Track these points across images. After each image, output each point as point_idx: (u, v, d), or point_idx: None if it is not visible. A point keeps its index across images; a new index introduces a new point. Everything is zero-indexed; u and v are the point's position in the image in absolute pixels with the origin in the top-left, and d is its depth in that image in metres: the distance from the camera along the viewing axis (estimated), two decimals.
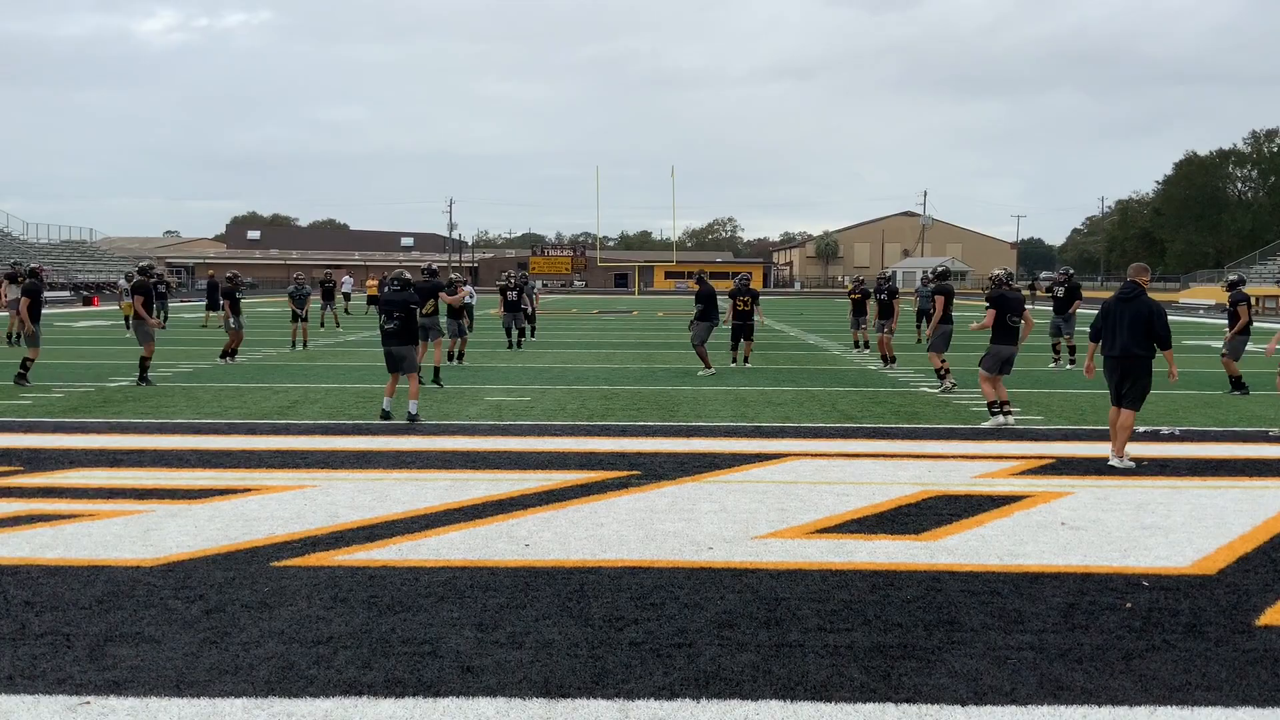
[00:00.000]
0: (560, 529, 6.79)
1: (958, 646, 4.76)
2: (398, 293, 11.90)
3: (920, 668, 4.49)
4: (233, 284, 19.25)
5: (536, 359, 20.15)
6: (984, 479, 8.54)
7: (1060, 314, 18.58)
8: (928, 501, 7.69)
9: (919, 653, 4.68)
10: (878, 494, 7.92)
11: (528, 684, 4.26)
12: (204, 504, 7.45)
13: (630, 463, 9.10)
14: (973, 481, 8.43)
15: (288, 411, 12.32)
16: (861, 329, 22.17)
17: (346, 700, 4.09)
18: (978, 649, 4.73)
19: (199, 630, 4.89)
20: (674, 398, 13.92)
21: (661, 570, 5.92)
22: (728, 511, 7.31)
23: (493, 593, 5.49)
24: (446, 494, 7.82)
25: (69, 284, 59.59)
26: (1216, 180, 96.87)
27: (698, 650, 4.66)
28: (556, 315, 42.23)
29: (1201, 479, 8.57)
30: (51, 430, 10.78)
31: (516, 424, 11.47)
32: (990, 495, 7.90)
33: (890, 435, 10.84)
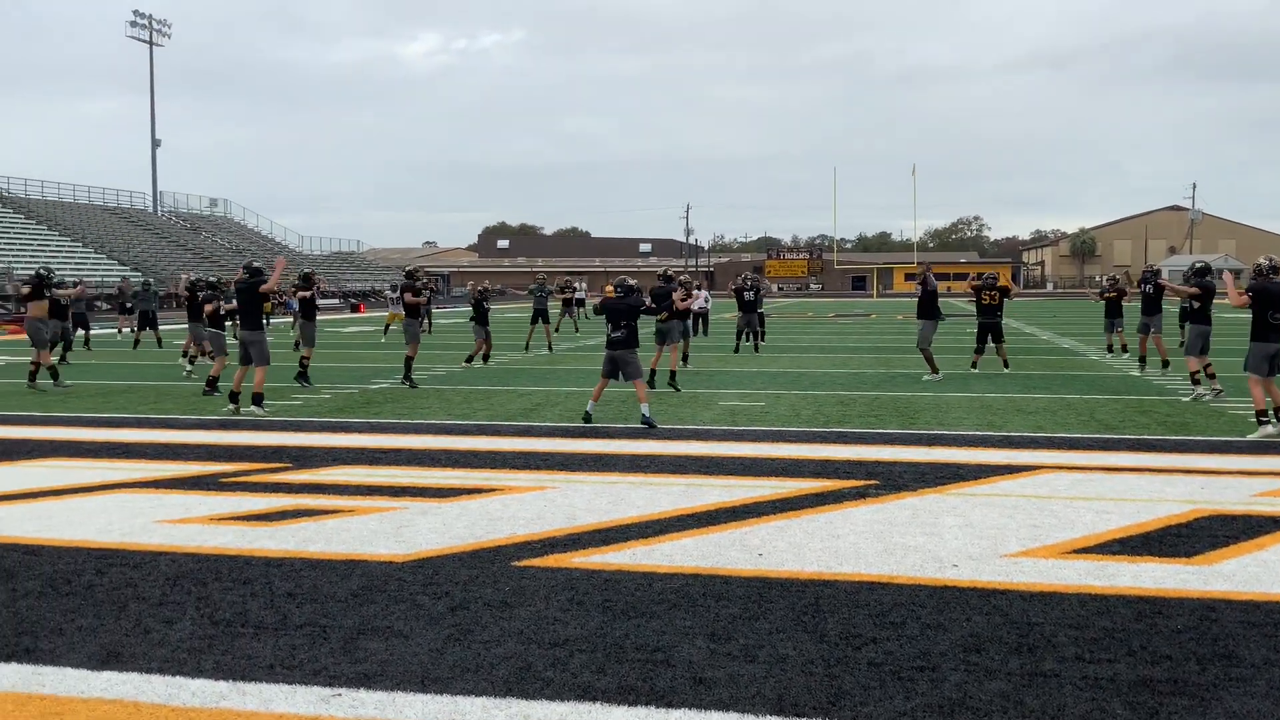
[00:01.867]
0: (795, 539, 6.64)
1: (1236, 684, 4.29)
2: (622, 299, 12.08)
3: (1193, 706, 4.07)
4: (481, 295, 20.06)
5: (771, 363, 19.99)
6: (1265, 498, 7.74)
7: None
8: (1200, 521, 7.04)
9: (1191, 689, 4.24)
10: (1143, 512, 7.31)
11: (761, 700, 4.15)
12: (452, 502, 7.76)
13: (868, 472, 8.82)
14: (1252, 500, 7.66)
15: (530, 414, 12.72)
16: (1117, 332, 20.73)
17: (581, 705, 4.11)
18: (1259, 687, 4.25)
19: (444, 627, 5.05)
20: (914, 404, 13.44)
21: (902, 587, 5.66)
22: (974, 527, 6.94)
23: (726, 602, 5.40)
24: (680, 499, 7.82)
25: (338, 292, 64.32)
26: None
27: (942, 675, 4.41)
28: (792, 319, 41.88)
29: None
30: (318, 430, 11.56)
31: (750, 429, 11.37)
32: (1273, 516, 7.14)
33: (1157, 448, 10.03)
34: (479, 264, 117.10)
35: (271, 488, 8.34)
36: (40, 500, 7.94)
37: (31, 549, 6.52)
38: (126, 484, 8.51)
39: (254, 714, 4.05)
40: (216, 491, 8.21)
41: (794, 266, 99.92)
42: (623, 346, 11.91)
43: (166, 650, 4.74)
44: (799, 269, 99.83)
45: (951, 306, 43.92)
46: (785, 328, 34.43)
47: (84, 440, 10.83)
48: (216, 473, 8.97)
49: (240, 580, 5.84)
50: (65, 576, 5.93)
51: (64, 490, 8.31)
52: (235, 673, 4.46)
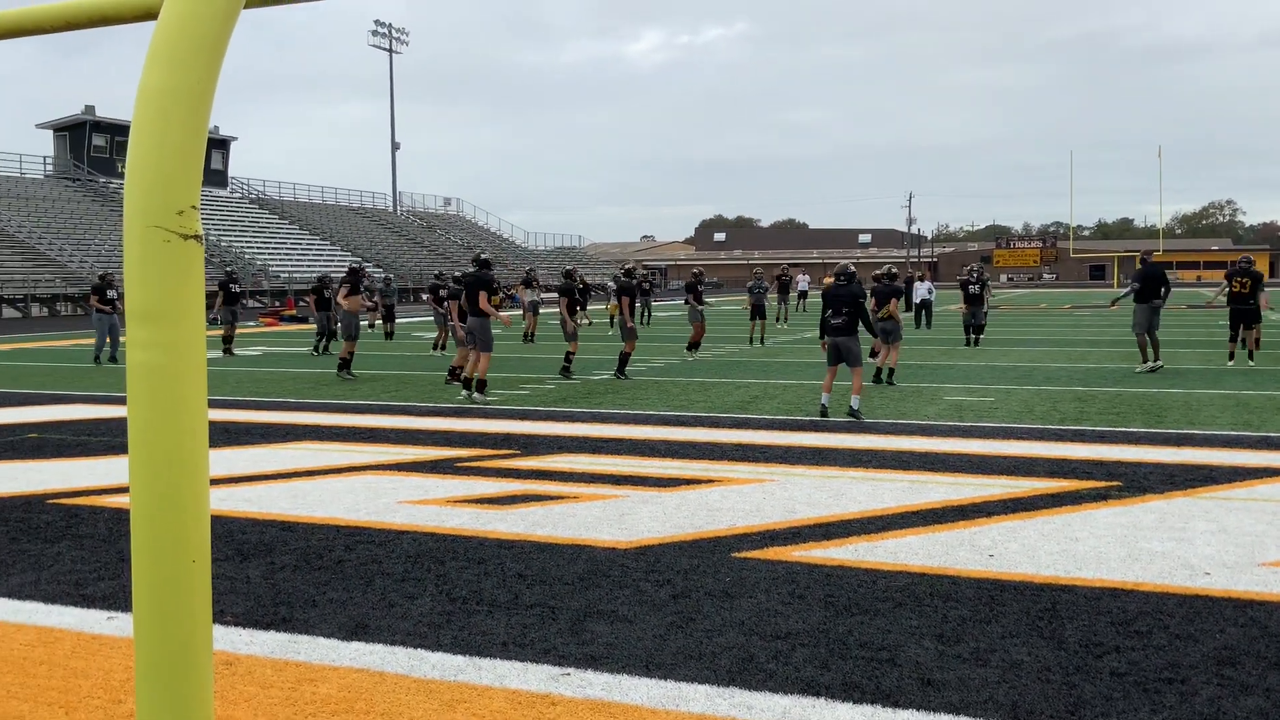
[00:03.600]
0: (1028, 540, 6.35)
1: None
2: (844, 287, 11.91)
3: None
4: (696, 279, 20.62)
5: (1001, 357, 19.20)
6: None
7: None
8: None
9: None
10: None
11: (993, 705, 3.99)
12: (672, 492, 7.86)
13: (1109, 472, 8.33)
14: None
15: (748, 406, 12.72)
16: None
17: (804, 699, 4.08)
18: None
19: (667, 613, 5.13)
20: (1160, 401, 12.60)
21: (1148, 595, 5.32)
22: (1228, 533, 6.44)
23: (954, 603, 5.23)
24: (904, 496, 7.63)
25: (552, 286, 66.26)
26: None
27: (1192, 688, 4.11)
28: (1022, 311, 40.08)
29: None
30: (544, 418, 11.96)
31: (978, 425, 10.96)
32: None
33: None
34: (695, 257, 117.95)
35: (502, 473, 8.70)
36: (294, 480, 8.58)
37: (287, 525, 7.05)
38: (371, 466, 9.07)
39: (489, 688, 4.23)
40: (452, 475, 8.63)
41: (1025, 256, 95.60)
42: (844, 333, 11.76)
43: (409, 624, 5.02)
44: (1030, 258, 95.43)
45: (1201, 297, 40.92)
46: (1016, 320, 32.99)
47: (333, 425, 11.62)
48: (452, 457, 9.42)
49: (475, 560, 6.12)
50: (317, 551, 6.38)
51: (316, 471, 8.95)
52: (471, 648, 4.67)
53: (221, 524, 7.03)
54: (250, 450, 10.03)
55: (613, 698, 4.12)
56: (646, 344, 22.98)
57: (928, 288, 29.09)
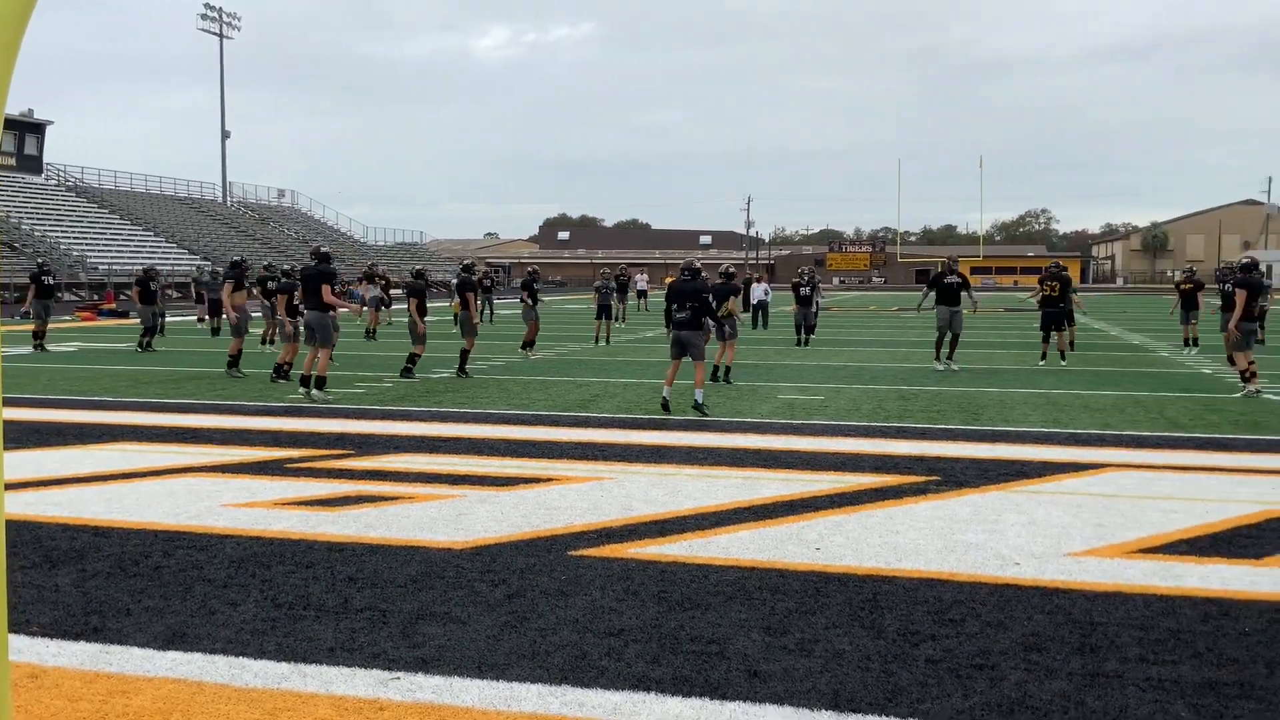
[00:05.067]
0: (853, 533, 6.59)
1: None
2: (688, 282, 12.17)
3: (1259, 710, 3.97)
4: (531, 278, 20.64)
5: (831, 357, 19.85)
6: None
7: None
8: (1271, 523, 6.86)
9: (1259, 693, 4.14)
10: (1211, 512, 7.14)
11: (816, 694, 4.12)
12: (510, 491, 7.82)
13: (929, 467, 8.72)
14: None
15: (588, 405, 12.77)
16: (1192, 324, 20.28)
17: (635, 695, 4.12)
18: None
19: (501, 613, 5.10)
20: (977, 400, 13.25)
21: (962, 584, 5.59)
22: (1037, 525, 6.83)
23: (782, 596, 5.38)
24: (737, 492, 7.80)
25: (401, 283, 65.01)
26: None
27: (1001, 674, 4.34)
28: (852, 313, 41.53)
29: None
30: (380, 417, 11.72)
31: (809, 423, 11.30)
32: None
33: (1228, 447, 9.78)
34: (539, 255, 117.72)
35: (334, 474, 8.47)
36: (110, 483, 8.15)
37: (101, 530, 6.69)
38: (193, 468, 8.70)
39: (314, 695, 4.12)
40: (281, 476, 8.36)
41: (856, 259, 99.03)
42: (689, 327, 12.01)
43: (230, 631, 4.84)
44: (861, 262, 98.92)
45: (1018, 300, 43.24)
46: (847, 321, 34.15)
47: (153, 425, 11.09)
48: (281, 458, 9.13)
49: (303, 564, 5.94)
50: (133, 558, 6.07)
51: (133, 473, 8.52)
52: (297, 654, 4.54)
53: (28, 530, 6.63)
54: (62, 451, 9.47)
55: (443, 700, 4.07)
56: (488, 342, 22.78)
57: (764, 289, 29.80)
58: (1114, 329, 29.09)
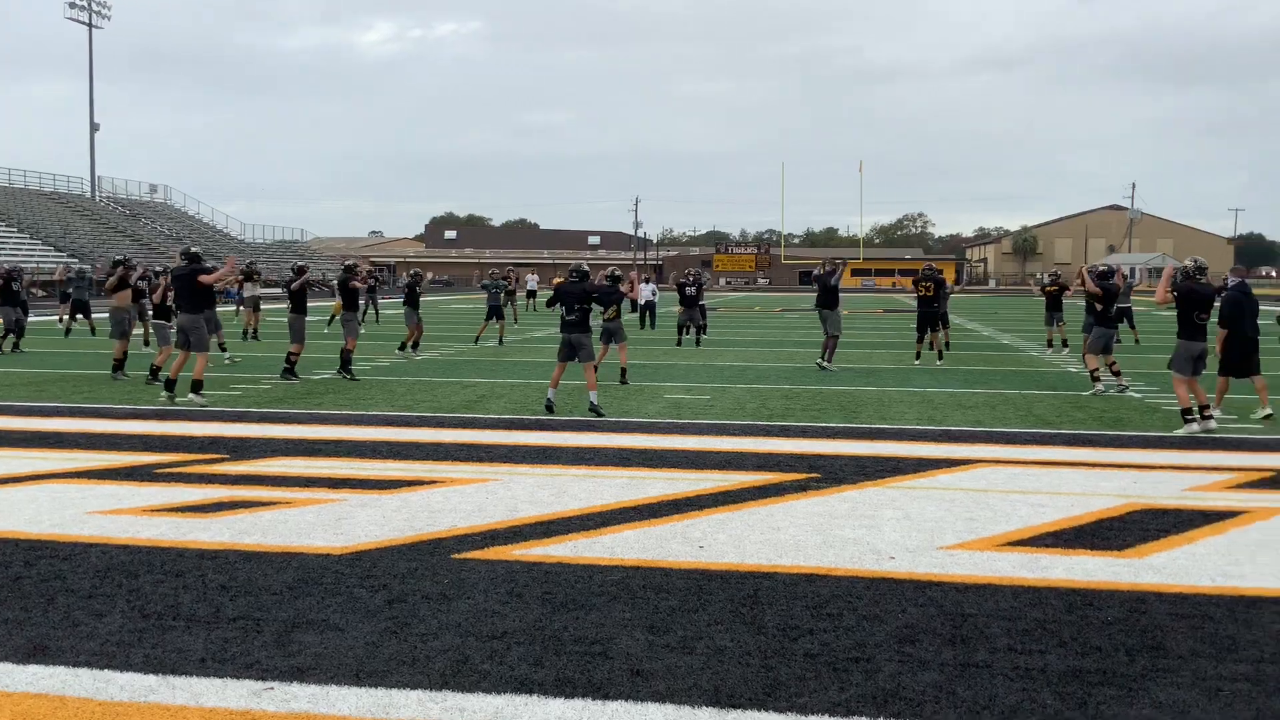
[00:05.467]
0: (736, 531, 6.67)
1: (1163, 674, 4.38)
2: (576, 284, 12.19)
3: (1121, 696, 4.15)
4: (414, 279, 20.28)
5: (717, 357, 20.06)
6: (1195, 492, 7.91)
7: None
8: (1132, 515, 7.18)
9: (1119, 679, 4.33)
10: (1076, 506, 7.44)
11: (698, 691, 4.16)
12: (392, 494, 7.69)
13: (810, 465, 8.88)
14: (1183, 495, 7.83)
15: (474, 406, 12.65)
16: (1058, 326, 21.11)
17: (517, 698, 4.09)
18: (1186, 678, 4.34)
19: (381, 619, 5.01)
20: (857, 399, 13.56)
21: (840, 579, 5.71)
22: (912, 519, 7.02)
23: (665, 594, 5.41)
24: (623, 492, 7.82)
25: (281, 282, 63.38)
26: None
27: (876, 666, 4.45)
28: (738, 313, 42.05)
29: None
30: (257, 420, 11.40)
31: (695, 423, 11.40)
32: (1202, 510, 7.31)
33: (1092, 443, 10.21)
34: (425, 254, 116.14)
35: (207, 479, 8.21)
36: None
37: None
38: (57, 474, 8.33)
39: (183, 708, 3.98)
40: (150, 483, 8.06)
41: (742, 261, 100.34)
42: (577, 329, 12.00)
43: (95, 644, 4.64)
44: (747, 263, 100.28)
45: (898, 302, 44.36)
46: (732, 322, 34.56)
47: (13, 430, 10.58)
48: (151, 464, 8.80)
49: (172, 573, 5.74)
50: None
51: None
52: (165, 666, 4.38)
53: None
54: None
55: (319, 710, 3.98)
56: (372, 342, 22.39)
57: (651, 289, 29.96)
58: (986, 329, 30.09)
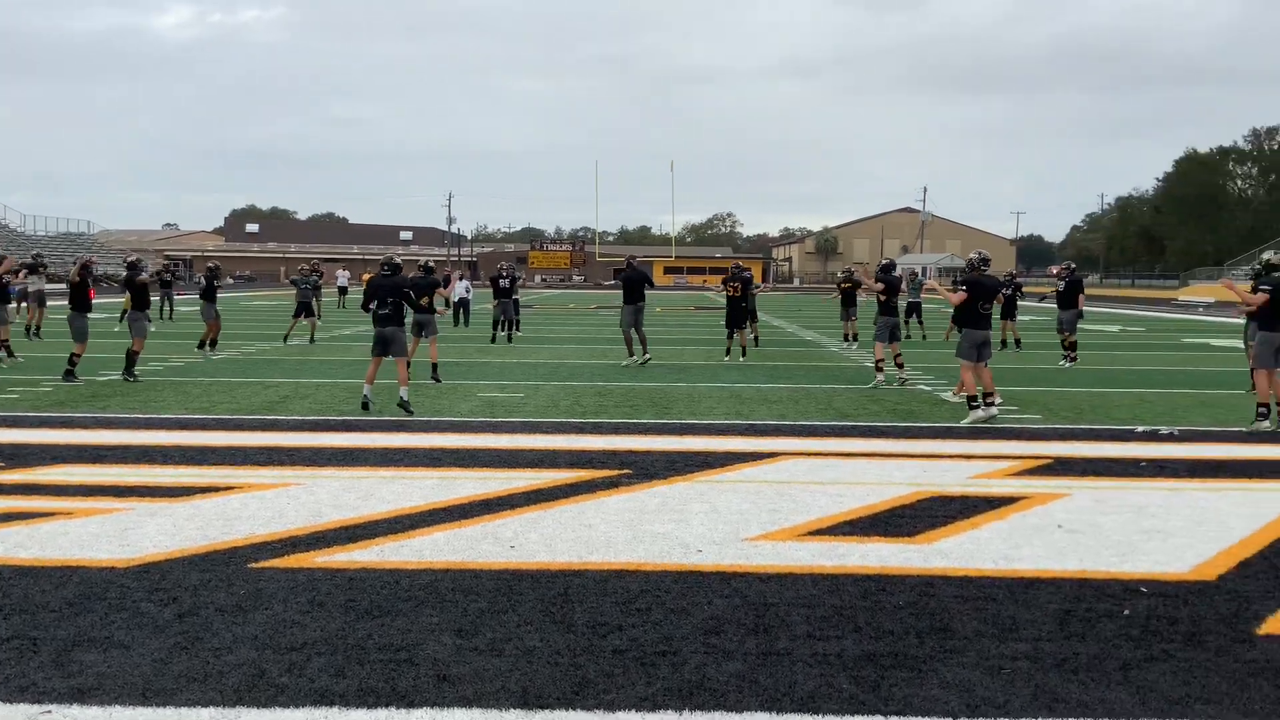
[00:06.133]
0: (547, 530, 6.65)
1: (950, 655, 4.62)
2: (388, 278, 12.05)
3: (911, 678, 4.36)
4: (212, 274, 19.40)
5: (531, 354, 20.01)
6: (980, 479, 8.40)
7: (1064, 309, 18.55)
8: (923, 503, 7.56)
9: (910, 661, 4.54)
10: (872, 495, 7.78)
11: (505, 694, 4.12)
12: (185, 502, 7.31)
13: (621, 461, 8.96)
14: (969, 482, 8.30)
15: (277, 407, 12.18)
16: (851, 321, 22.03)
17: (317, 711, 3.95)
18: (971, 658, 4.59)
19: (170, 635, 4.75)
20: (669, 395, 13.78)
21: (649, 574, 5.78)
22: (719, 512, 7.17)
23: (474, 596, 5.34)
24: (433, 493, 7.68)
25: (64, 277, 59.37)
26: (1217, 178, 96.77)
27: (683, 659, 4.52)
28: (553, 310, 42.07)
29: (1201, 480, 8.44)
30: (36, 425, 10.63)
31: (507, 421, 11.33)
32: (986, 496, 7.76)
33: (886, 434, 10.70)
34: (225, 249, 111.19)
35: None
36: None
37: None
38: None
39: None
40: None
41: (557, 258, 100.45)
42: (391, 323, 11.81)
43: None
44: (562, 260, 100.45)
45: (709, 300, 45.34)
46: (546, 319, 34.54)
47: None
48: None
49: None
50: None
51: None
52: None
53: None
54: None
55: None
56: (167, 342, 21.25)
57: (465, 286, 29.59)
58: (790, 326, 31.14)
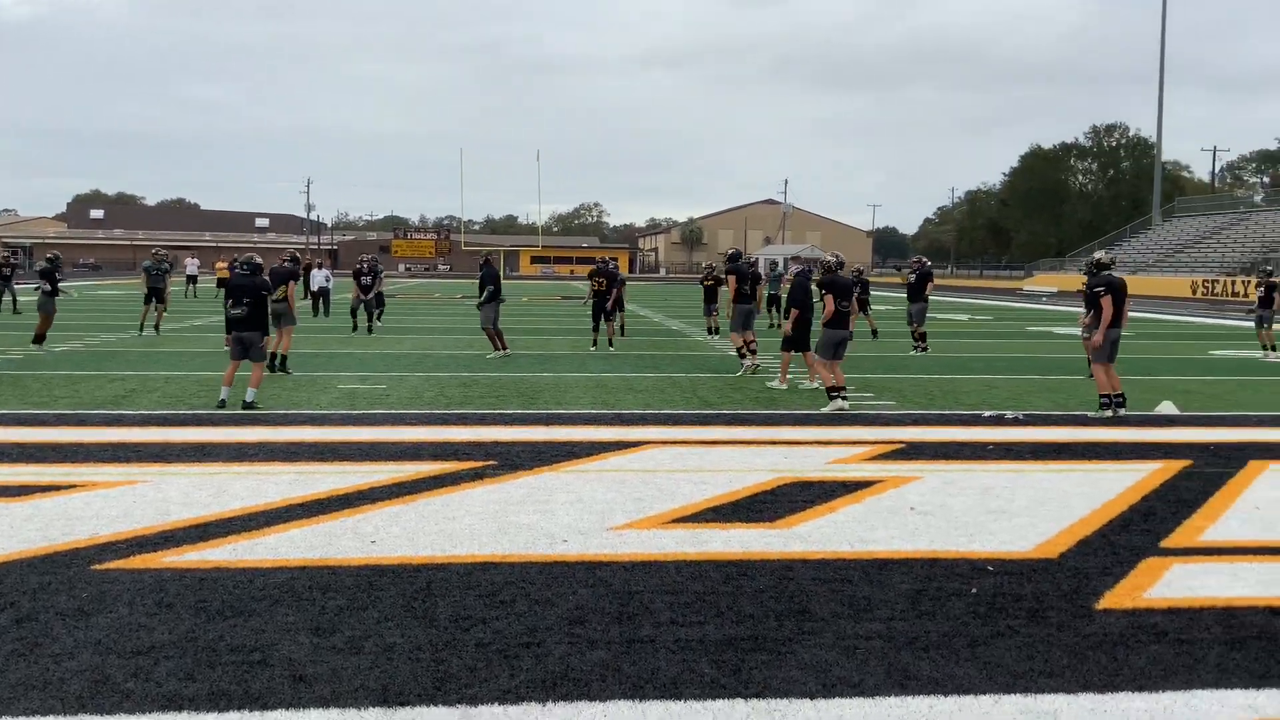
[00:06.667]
0: (409, 524, 6.54)
1: (808, 637, 4.74)
2: (247, 277, 11.51)
3: (771, 660, 4.45)
4: (51, 263, 18.30)
5: (395, 345, 19.65)
6: (838, 464, 8.63)
7: (914, 301, 19.18)
8: (783, 488, 7.71)
9: (770, 644, 4.63)
10: (734, 481, 7.90)
11: (364, 692, 4.04)
12: (23, 502, 6.93)
13: (486, 452, 8.88)
14: (827, 467, 8.51)
15: (122, 401, 11.65)
16: (713, 315, 22.39)
17: (165, 716, 3.80)
18: (827, 639, 4.71)
19: (6, 642, 4.50)
20: (535, 385, 13.72)
21: (513, 565, 5.74)
22: (584, 502, 7.18)
23: (333, 594, 5.22)
24: (290, 489, 7.47)
25: None
26: (1059, 173, 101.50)
27: (547, 650, 4.51)
28: (418, 300, 41.39)
29: (1044, 462, 8.85)
30: None
31: (369, 413, 11.10)
32: (843, 481, 7.97)
33: (748, 422, 10.89)
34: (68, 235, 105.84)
35: None
36: None
37: None
38: None
39: None
40: None
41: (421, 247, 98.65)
42: (244, 326, 11.32)
43: None
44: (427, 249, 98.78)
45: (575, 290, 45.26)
46: (411, 309, 33.97)
47: None
48: None
49: None
50: None
51: None
52: None
53: None
54: None
55: None
56: (3, 333, 20.08)
57: (325, 275, 28.84)
58: (656, 316, 31.38)
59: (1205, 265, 59.31)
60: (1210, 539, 6.48)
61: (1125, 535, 6.54)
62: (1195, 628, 4.90)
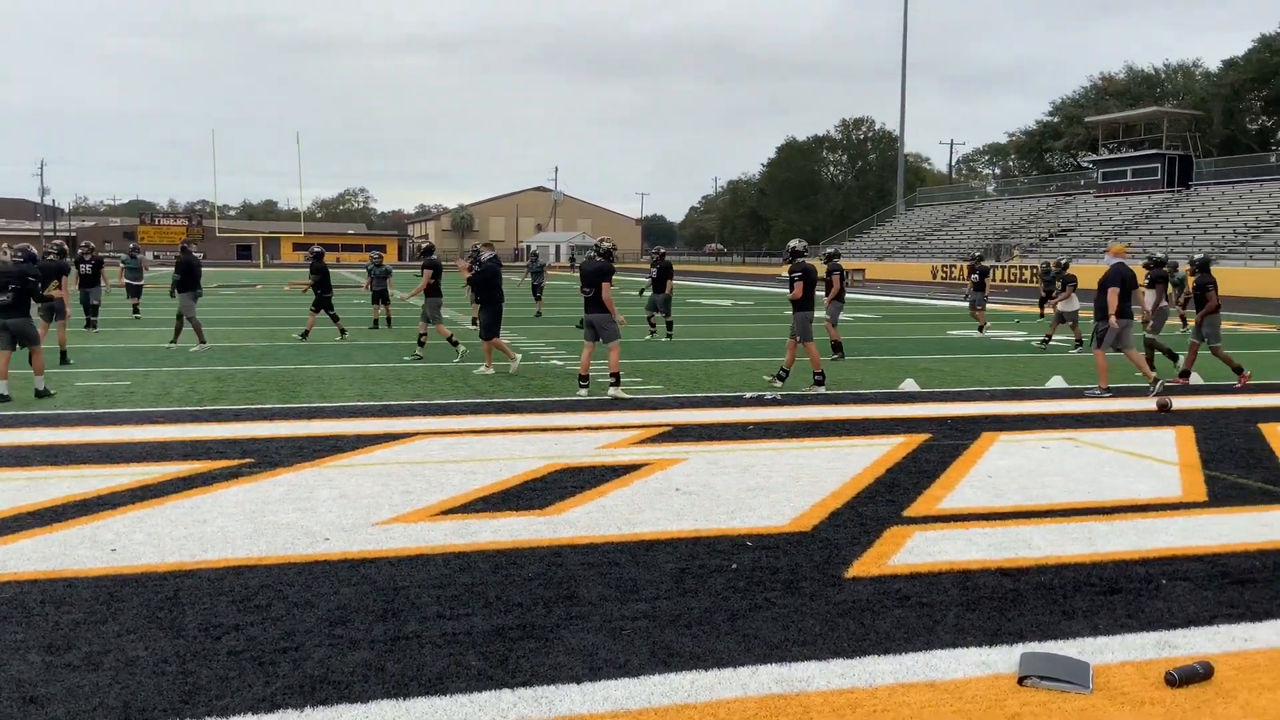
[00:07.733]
0: (155, 529, 6.15)
1: (576, 621, 4.77)
2: (19, 264, 10.99)
3: (539, 648, 4.45)
4: None
5: (140, 339, 18.44)
6: (607, 449, 8.74)
7: (657, 292, 19.86)
8: (554, 475, 7.74)
9: (538, 631, 4.64)
10: (504, 470, 7.87)
11: (104, 710, 3.76)
12: None
13: (243, 450, 8.47)
14: (596, 452, 8.60)
15: None
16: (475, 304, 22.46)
17: None
18: (594, 622, 4.76)
19: None
20: (297, 377, 13.19)
21: (270, 567, 5.49)
22: (349, 498, 6.96)
23: (68, 608, 4.84)
24: (18, 495, 6.87)
25: None
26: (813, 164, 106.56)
27: (305, 653, 4.34)
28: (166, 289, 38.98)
29: (799, 440, 9.27)
30: None
31: (110, 412, 10.36)
32: (612, 465, 8.08)
33: (519, 409, 10.87)
34: None
35: None
36: None
37: None
38: None
39: None
40: None
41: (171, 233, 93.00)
42: (13, 313, 10.93)
43: None
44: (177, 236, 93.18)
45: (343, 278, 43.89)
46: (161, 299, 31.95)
47: None
48: None
49: None
50: None
51: None
52: None
53: None
54: None
55: None
56: None
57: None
58: None
59: (944, 251, 63.78)
60: (947, 507, 6.98)
61: (872, 506, 6.94)
62: (935, 591, 5.25)
